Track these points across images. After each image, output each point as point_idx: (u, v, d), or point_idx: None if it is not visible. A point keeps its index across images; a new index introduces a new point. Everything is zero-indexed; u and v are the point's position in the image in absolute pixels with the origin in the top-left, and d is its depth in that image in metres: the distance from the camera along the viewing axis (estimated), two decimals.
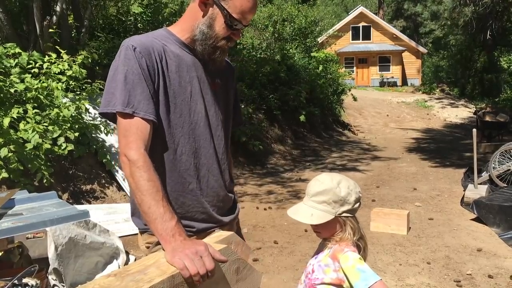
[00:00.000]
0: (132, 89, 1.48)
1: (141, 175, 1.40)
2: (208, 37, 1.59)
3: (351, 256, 1.65)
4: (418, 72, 32.51)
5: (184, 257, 1.25)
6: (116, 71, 1.51)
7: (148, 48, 1.53)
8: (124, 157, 1.44)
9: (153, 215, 1.36)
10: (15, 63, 6.16)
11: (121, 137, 1.48)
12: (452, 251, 4.73)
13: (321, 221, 1.70)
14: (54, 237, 3.45)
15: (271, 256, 4.69)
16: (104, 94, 1.53)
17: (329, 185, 1.72)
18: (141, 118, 1.48)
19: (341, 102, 17.66)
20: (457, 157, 10.99)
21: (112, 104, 1.49)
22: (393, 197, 7.14)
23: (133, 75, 1.49)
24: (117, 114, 1.49)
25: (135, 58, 1.50)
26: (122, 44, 1.56)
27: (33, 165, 5.27)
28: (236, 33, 1.62)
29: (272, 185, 8.22)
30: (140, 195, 1.38)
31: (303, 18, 19.57)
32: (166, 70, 1.56)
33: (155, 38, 1.59)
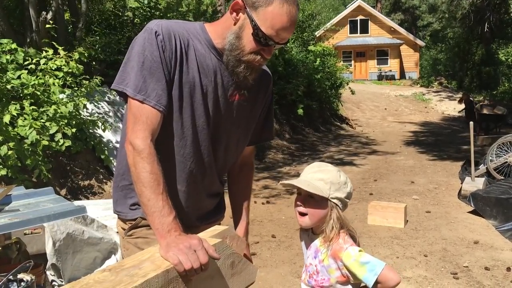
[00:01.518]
0: (148, 75, 1.42)
1: (144, 166, 1.36)
2: (234, 48, 1.48)
3: (352, 252, 1.65)
4: (416, 66, 32.50)
5: (178, 252, 1.24)
6: (136, 51, 1.44)
7: (171, 38, 1.45)
8: (130, 145, 1.40)
9: (151, 208, 1.34)
10: (11, 59, 6.14)
11: (129, 122, 1.43)
12: (449, 243, 4.75)
13: (315, 192, 1.67)
14: (52, 233, 3.46)
15: (269, 250, 4.71)
16: (120, 70, 1.46)
17: (330, 168, 1.75)
18: (151, 107, 1.41)
19: (339, 96, 17.66)
20: (455, 150, 11.02)
21: (125, 83, 1.43)
22: (390, 190, 7.16)
23: (151, 61, 1.42)
24: (131, 98, 1.43)
25: (157, 44, 1.42)
26: (148, 25, 1.47)
27: (31, 161, 5.27)
28: (267, 49, 1.48)
29: (269, 180, 8.23)
30: (141, 186, 1.36)
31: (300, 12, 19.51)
32: (185, 65, 1.48)
33: (185, 30, 1.51)
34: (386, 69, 30.88)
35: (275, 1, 1.39)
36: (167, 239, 1.31)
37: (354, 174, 8.37)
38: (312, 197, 1.71)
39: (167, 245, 1.29)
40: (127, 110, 1.46)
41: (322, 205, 1.71)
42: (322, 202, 1.70)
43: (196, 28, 1.55)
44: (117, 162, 1.69)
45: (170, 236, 1.32)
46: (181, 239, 1.31)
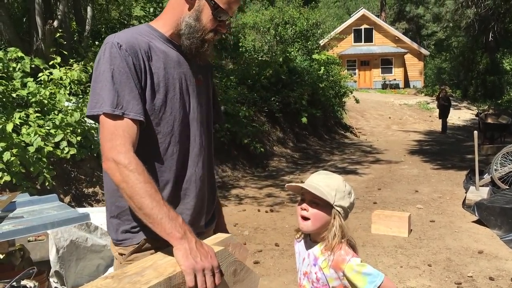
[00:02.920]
0: (120, 88, 1.41)
1: (137, 178, 1.34)
2: (195, 30, 1.54)
3: (354, 263, 1.66)
4: (421, 74, 32.51)
5: (199, 271, 1.27)
6: (101, 70, 1.43)
7: (134, 45, 1.47)
8: (112, 162, 1.37)
9: (158, 215, 1.33)
10: (18, 67, 6.19)
11: (105, 140, 1.40)
12: (453, 253, 4.72)
13: (322, 196, 1.68)
14: (56, 240, 3.46)
15: (272, 259, 4.70)
16: (91, 95, 1.46)
17: (336, 176, 1.77)
18: (130, 119, 1.41)
19: (343, 104, 17.67)
20: (459, 159, 10.98)
21: (99, 105, 1.41)
22: (394, 199, 7.14)
23: (120, 74, 1.42)
24: (103, 115, 1.41)
25: (121, 56, 1.43)
26: (105, 42, 1.48)
27: (35, 168, 5.29)
28: (223, 25, 1.58)
29: (273, 188, 8.22)
30: (139, 198, 1.33)
31: (304, 21, 19.61)
32: (153, 68, 1.50)
33: (139, 35, 1.52)
34: (391, 78, 30.91)
35: None
36: (185, 243, 1.31)
37: (358, 183, 8.35)
38: (316, 203, 1.71)
39: (186, 253, 1.29)
40: (102, 128, 1.42)
41: (326, 211, 1.71)
42: (326, 209, 1.71)
43: (146, 29, 1.57)
44: (106, 191, 1.60)
45: (189, 240, 1.32)
46: (201, 251, 1.32)
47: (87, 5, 9.65)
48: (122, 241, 1.55)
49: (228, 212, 6.59)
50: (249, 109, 10.72)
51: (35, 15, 8.03)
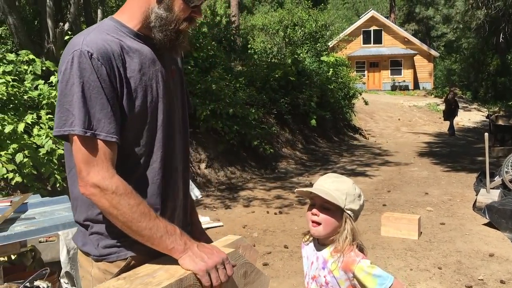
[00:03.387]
0: (91, 105, 1.27)
1: (129, 203, 1.27)
2: (168, 21, 1.39)
3: (364, 265, 1.67)
4: (430, 76, 32.34)
5: (211, 269, 1.28)
6: (70, 83, 1.28)
7: (106, 51, 1.31)
8: (94, 187, 1.26)
9: (156, 233, 1.29)
10: (29, 70, 6.25)
11: (82, 163, 1.27)
12: (463, 256, 4.69)
13: (333, 201, 1.68)
14: (66, 241, 3.49)
15: (281, 261, 4.70)
16: (58, 111, 1.29)
17: (346, 179, 1.77)
18: (103, 140, 1.28)
19: (352, 106, 17.63)
20: (470, 161, 10.90)
21: (69, 123, 1.27)
22: (404, 201, 7.10)
23: (90, 88, 1.27)
24: (76, 136, 1.27)
25: (92, 67, 1.27)
26: (72, 47, 1.31)
27: (46, 170, 5.34)
28: (197, 10, 1.44)
29: (281, 190, 8.22)
30: (136, 223, 1.27)
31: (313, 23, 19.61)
32: (129, 72, 1.36)
33: (108, 34, 1.36)
34: (400, 80, 30.78)
35: None
36: (188, 252, 1.32)
37: (367, 185, 8.32)
38: (327, 208, 1.71)
39: (192, 259, 1.30)
40: (76, 149, 1.28)
41: (337, 216, 1.72)
42: (336, 213, 1.71)
43: (112, 25, 1.41)
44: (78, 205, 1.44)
45: (190, 248, 1.32)
46: (205, 251, 1.33)
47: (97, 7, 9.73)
48: (106, 256, 1.40)
49: (237, 214, 6.60)
50: (258, 111, 10.73)
51: (46, 18, 8.11)
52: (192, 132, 9.26)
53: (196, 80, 9.79)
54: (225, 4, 31.22)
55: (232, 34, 15.65)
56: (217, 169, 9.20)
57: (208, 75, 10.21)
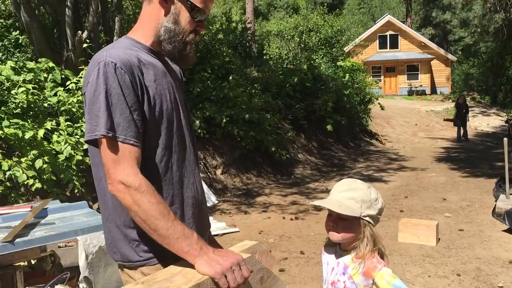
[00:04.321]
0: (112, 110, 1.38)
1: (149, 200, 1.33)
2: (176, 33, 1.53)
3: (385, 274, 1.66)
4: (448, 80, 31.98)
5: (225, 270, 1.29)
6: (97, 92, 1.38)
7: (128, 62, 1.42)
8: (120, 184, 1.34)
9: (174, 235, 1.34)
10: (49, 78, 6.37)
11: (109, 162, 1.36)
12: (483, 263, 4.62)
13: (347, 213, 1.68)
14: (85, 246, 3.53)
15: (298, 267, 4.68)
16: (89, 118, 1.40)
17: (360, 185, 1.75)
18: (130, 144, 1.38)
19: (368, 111, 17.52)
20: (489, 167, 10.74)
21: (99, 128, 1.37)
22: (422, 207, 7.03)
23: (112, 95, 1.38)
24: (104, 138, 1.37)
25: (115, 75, 1.38)
26: (96, 60, 1.43)
27: (65, 176, 5.42)
28: (201, 24, 1.57)
29: (297, 196, 8.20)
30: (154, 220, 1.33)
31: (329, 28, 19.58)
32: (147, 82, 1.47)
33: (126, 49, 1.48)
34: (417, 84, 30.50)
35: None
36: (204, 256, 1.34)
37: (384, 191, 8.25)
38: (343, 218, 1.71)
39: (207, 262, 1.32)
40: (104, 149, 1.37)
41: (354, 224, 1.71)
42: (354, 221, 1.71)
43: (129, 42, 1.54)
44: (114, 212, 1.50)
45: (205, 253, 1.34)
46: (221, 255, 1.35)
47: (115, 16, 9.85)
48: (148, 260, 1.48)
49: (253, 220, 6.61)
50: (273, 117, 10.74)
51: (65, 26, 8.25)
52: (208, 138, 9.31)
53: (213, 87, 9.86)
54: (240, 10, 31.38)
55: (248, 41, 15.71)
56: (233, 174, 9.23)
57: (225, 82, 10.26)
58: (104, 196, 1.50)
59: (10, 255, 2.51)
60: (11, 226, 2.61)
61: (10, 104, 5.73)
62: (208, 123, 9.12)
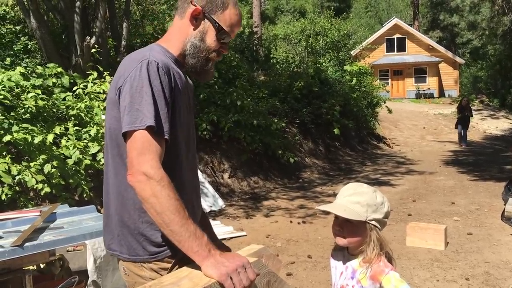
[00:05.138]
0: (159, 107, 1.46)
1: (168, 194, 1.37)
2: (200, 50, 1.63)
3: (392, 278, 1.66)
4: (456, 83, 31.84)
5: (231, 273, 1.31)
6: (140, 86, 1.46)
7: (166, 64, 1.54)
8: (142, 175, 1.37)
9: (186, 233, 1.36)
10: (58, 83, 6.43)
11: (136, 153, 1.40)
12: (492, 267, 4.59)
13: (352, 217, 1.69)
14: (93, 250, 3.56)
15: (305, 271, 4.68)
16: (129, 111, 1.44)
17: (366, 189, 1.75)
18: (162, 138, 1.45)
19: (375, 114, 17.47)
20: (497, 170, 10.67)
21: (139, 120, 1.42)
22: (430, 211, 6.99)
23: (155, 91, 1.46)
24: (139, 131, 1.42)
25: (158, 74, 1.48)
26: (139, 59, 1.50)
27: (74, 180, 5.47)
28: (225, 46, 1.68)
29: (305, 200, 8.19)
30: (169, 214, 1.35)
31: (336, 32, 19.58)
32: (176, 87, 1.56)
33: (161, 55, 1.58)
34: (425, 87, 30.39)
35: (229, 5, 1.63)
36: (211, 259, 1.35)
37: (392, 194, 8.22)
38: (349, 221, 1.72)
39: (214, 265, 1.33)
40: (134, 141, 1.42)
41: (361, 228, 1.72)
42: (360, 225, 1.71)
43: (160, 50, 1.62)
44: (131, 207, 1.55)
45: (213, 255, 1.36)
46: (227, 257, 1.37)
47: (123, 21, 9.94)
48: (156, 255, 1.53)
49: (260, 224, 6.61)
50: (280, 120, 10.75)
51: (73, 32, 8.33)
52: (215, 142, 9.33)
53: (220, 91, 9.89)
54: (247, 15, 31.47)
55: (255, 45, 15.76)
56: (240, 178, 9.24)
57: (232, 87, 10.29)
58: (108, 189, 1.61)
59: (19, 259, 2.53)
60: (20, 230, 2.64)
61: (19, 110, 5.79)
62: (215, 127, 9.15)
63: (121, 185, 1.54)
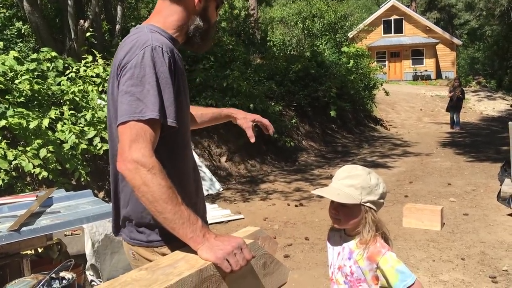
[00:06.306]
0: (164, 95, 1.41)
1: (159, 182, 1.33)
2: (205, 30, 1.63)
3: (389, 258, 1.67)
4: (453, 65, 31.73)
5: (227, 255, 1.31)
6: (141, 74, 1.40)
7: (171, 48, 1.48)
8: (132, 163, 1.33)
9: (180, 220, 1.34)
10: (52, 66, 6.37)
11: (128, 140, 1.35)
12: (487, 246, 4.63)
13: (346, 201, 1.70)
14: (91, 234, 3.57)
15: (302, 253, 4.71)
16: (130, 99, 1.39)
17: (360, 172, 1.75)
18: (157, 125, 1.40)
19: (372, 97, 17.44)
20: (494, 151, 10.70)
21: (139, 110, 1.37)
22: (426, 192, 7.03)
23: (161, 79, 1.41)
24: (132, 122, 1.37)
25: (163, 60, 1.42)
26: (142, 42, 1.44)
27: (71, 165, 5.45)
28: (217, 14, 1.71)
29: (302, 182, 8.22)
30: (162, 203, 1.33)
31: (332, 13, 19.41)
32: (180, 69, 1.51)
33: (162, 36, 1.53)
34: (422, 69, 30.29)
35: None
36: (206, 243, 1.35)
37: (389, 176, 8.25)
38: (344, 205, 1.72)
39: (209, 248, 1.33)
40: (128, 130, 1.37)
41: (356, 211, 1.72)
42: (355, 208, 1.72)
43: (157, 30, 1.56)
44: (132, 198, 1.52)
45: (207, 240, 1.36)
46: (222, 240, 1.36)
47: (117, 4, 9.82)
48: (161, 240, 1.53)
49: (257, 207, 6.64)
50: (277, 104, 10.71)
51: (67, 16, 8.23)
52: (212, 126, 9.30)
53: (216, 75, 9.83)
54: None
55: (251, 27, 15.62)
56: (237, 162, 9.25)
57: (228, 70, 10.23)
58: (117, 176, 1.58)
59: (16, 244, 2.54)
60: (17, 215, 2.64)
61: (14, 93, 5.74)
62: None
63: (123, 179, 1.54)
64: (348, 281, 1.77)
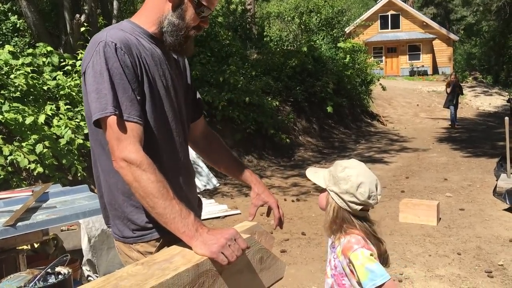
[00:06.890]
0: (116, 90, 1.40)
1: (149, 177, 1.35)
2: (179, 28, 1.55)
3: (360, 254, 1.62)
4: (450, 60, 31.75)
5: (221, 248, 1.31)
6: (100, 71, 1.40)
7: (128, 43, 1.46)
8: (122, 161, 1.36)
9: (170, 214, 1.35)
10: (47, 61, 6.34)
11: (114, 141, 1.38)
12: (483, 241, 4.65)
13: (314, 180, 1.80)
14: (87, 229, 3.56)
15: (299, 248, 4.72)
16: (96, 97, 1.40)
17: (340, 162, 1.78)
18: (133, 122, 1.41)
19: (369, 92, 17.44)
20: (490, 147, 10.74)
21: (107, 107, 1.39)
22: (422, 187, 7.05)
23: (114, 74, 1.40)
24: (109, 116, 1.39)
25: (116, 55, 1.41)
26: (96, 40, 1.45)
27: (67, 160, 5.44)
28: (205, 20, 1.60)
29: (298, 178, 8.22)
30: (152, 198, 1.35)
31: (329, 8, 19.39)
32: (145, 65, 1.50)
33: (126, 32, 1.51)
34: (418, 65, 30.28)
35: None
36: (199, 238, 1.34)
37: (385, 171, 8.26)
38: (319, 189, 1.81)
39: (203, 243, 1.33)
40: (108, 127, 1.39)
41: (328, 198, 1.77)
42: (328, 195, 1.76)
43: (129, 26, 1.56)
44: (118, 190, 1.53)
45: (200, 234, 1.35)
46: (215, 233, 1.36)
47: None
48: (141, 237, 1.53)
49: None
50: (274, 99, 10.70)
51: (63, 10, 8.18)
52: (209, 121, 9.30)
53: (213, 70, 9.80)
54: None
55: (248, 23, 15.58)
56: None
57: (225, 65, 10.20)
58: (97, 173, 1.57)
59: (12, 239, 2.53)
60: (12, 210, 2.62)
61: (10, 88, 5.71)
62: (209, 106, 9.11)
63: (104, 170, 1.53)
64: (333, 275, 1.75)
